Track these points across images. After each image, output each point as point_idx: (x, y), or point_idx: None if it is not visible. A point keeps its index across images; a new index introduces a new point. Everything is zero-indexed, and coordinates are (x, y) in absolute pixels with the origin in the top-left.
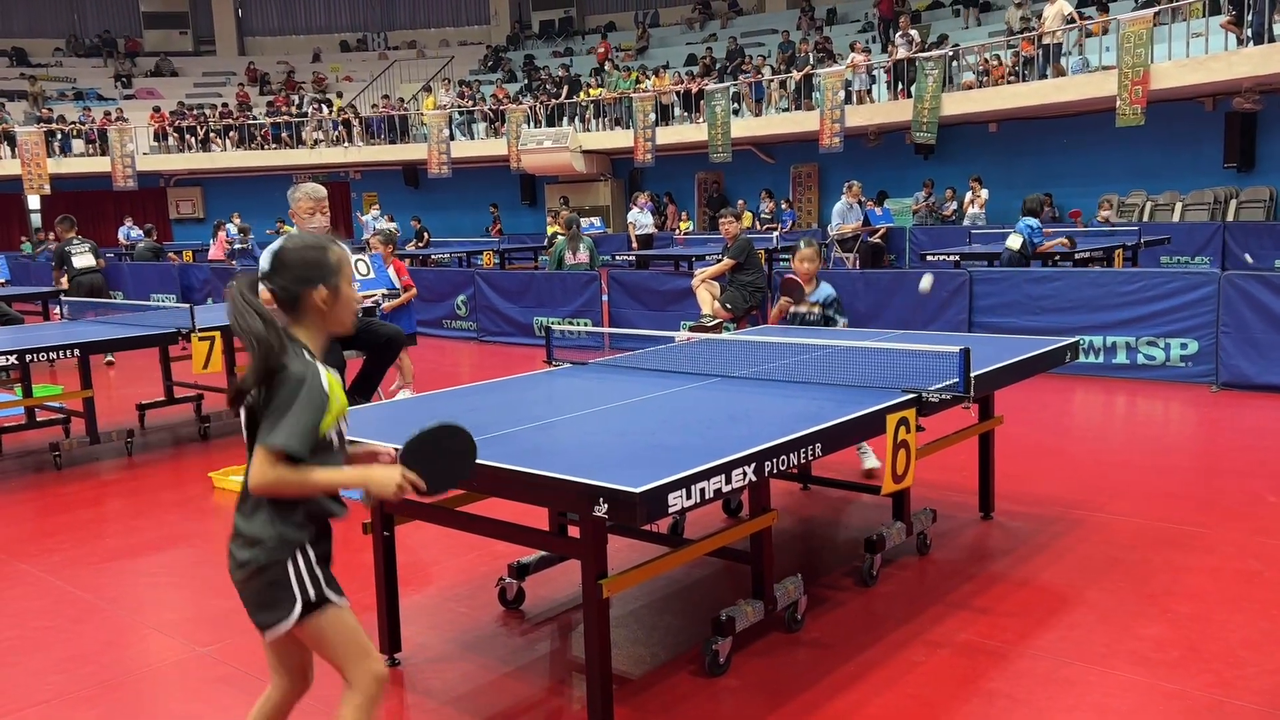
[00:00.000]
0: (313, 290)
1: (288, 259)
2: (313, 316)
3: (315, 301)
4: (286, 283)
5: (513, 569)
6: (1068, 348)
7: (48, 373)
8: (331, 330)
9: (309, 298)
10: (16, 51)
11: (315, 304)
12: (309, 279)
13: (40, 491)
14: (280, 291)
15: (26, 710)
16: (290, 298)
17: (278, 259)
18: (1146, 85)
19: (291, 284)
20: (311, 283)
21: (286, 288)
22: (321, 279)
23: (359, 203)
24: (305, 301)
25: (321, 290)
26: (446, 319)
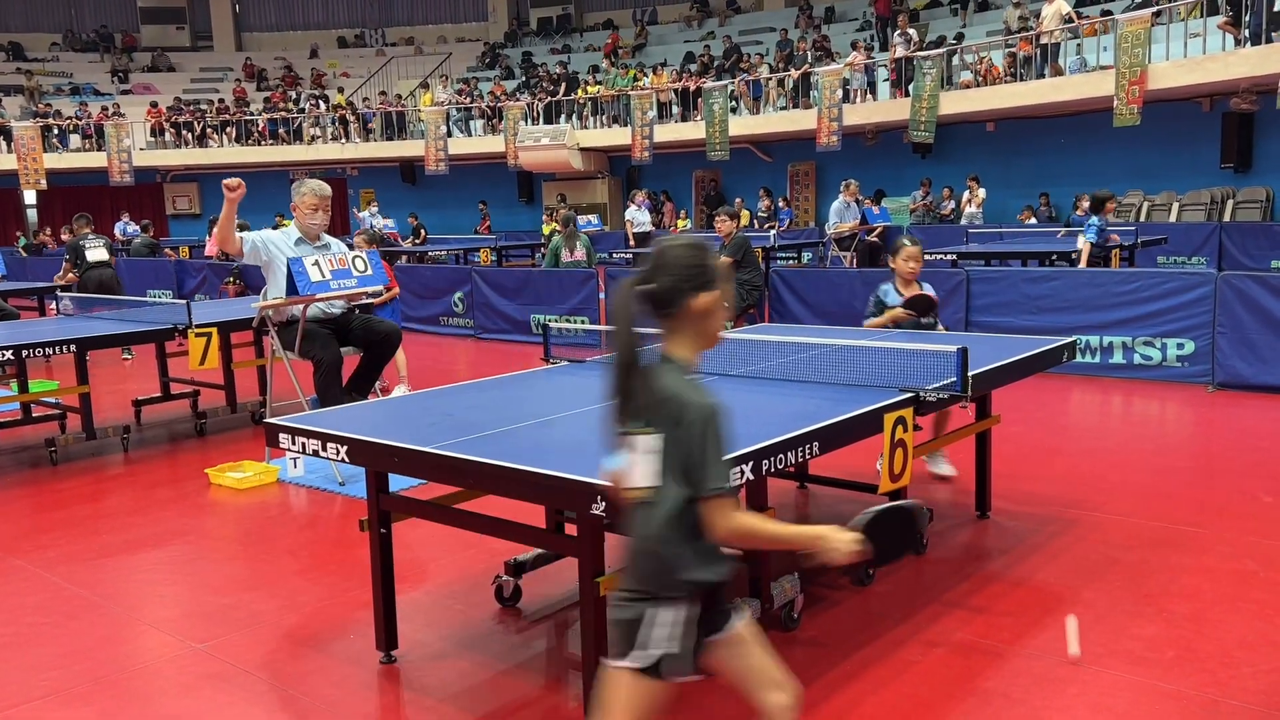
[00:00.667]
0: (695, 297)
1: (669, 259)
2: (691, 326)
3: (696, 309)
4: (668, 285)
5: (509, 566)
6: (1065, 347)
7: (44, 368)
8: (706, 345)
9: (691, 304)
10: (13, 46)
11: (696, 311)
12: (695, 282)
13: (36, 487)
14: (661, 294)
15: (22, 706)
16: (670, 303)
17: (659, 259)
18: (1144, 85)
19: (674, 287)
20: (696, 288)
21: (667, 290)
22: (706, 284)
23: (356, 199)
24: (686, 309)
25: (706, 296)
26: (443, 316)
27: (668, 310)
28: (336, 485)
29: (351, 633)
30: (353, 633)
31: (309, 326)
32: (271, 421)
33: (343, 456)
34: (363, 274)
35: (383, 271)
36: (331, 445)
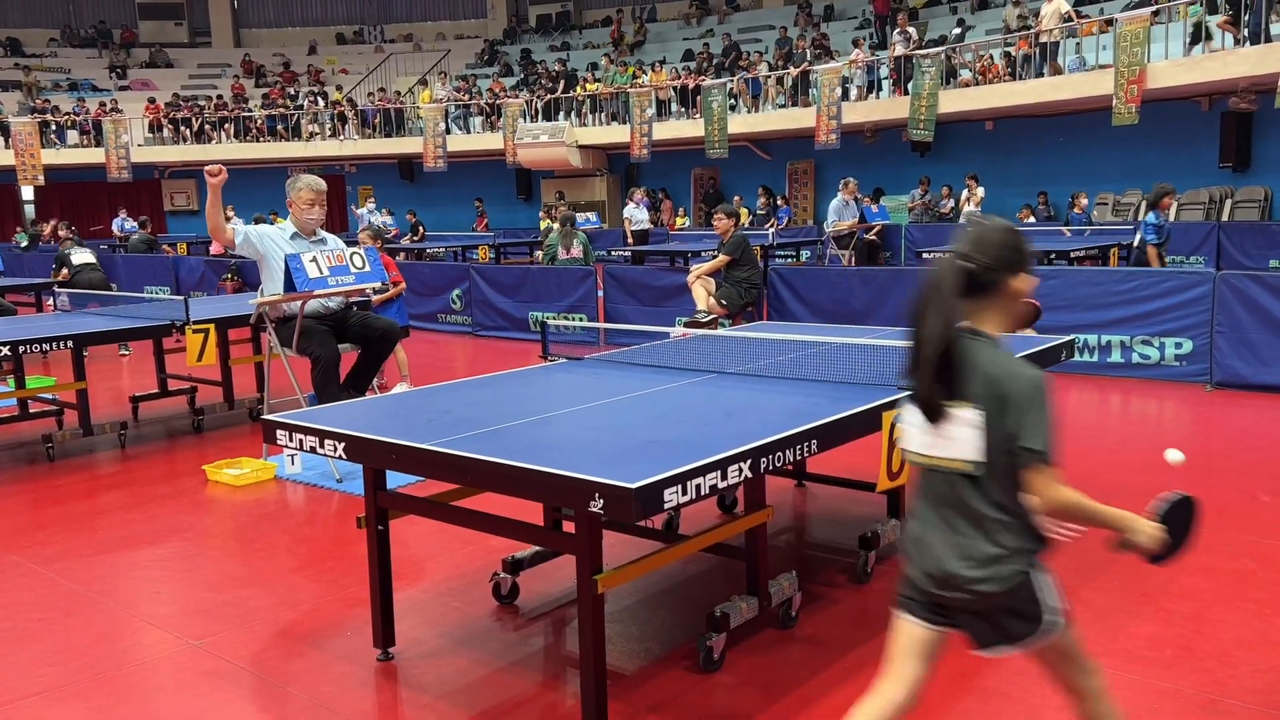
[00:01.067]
0: (1012, 278)
1: (988, 241)
2: (1003, 306)
3: (1012, 289)
4: (987, 265)
5: (507, 564)
6: (1063, 346)
7: (41, 364)
8: (1012, 325)
9: (1007, 285)
10: (11, 42)
11: (1011, 292)
12: (1012, 264)
13: (33, 484)
14: (980, 274)
15: (18, 702)
16: (988, 282)
17: (978, 240)
18: (1142, 84)
19: (992, 267)
20: (1013, 269)
21: (986, 270)
22: (1023, 266)
23: (354, 196)
24: (1002, 289)
25: (1021, 278)
26: (441, 313)
27: (984, 290)
28: (334, 482)
29: (348, 630)
30: (350, 630)
31: (307, 323)
32: (269, 418)
33: (340, 453)
34: (360, 270)
35: (381, 268)
36: (329, 442)
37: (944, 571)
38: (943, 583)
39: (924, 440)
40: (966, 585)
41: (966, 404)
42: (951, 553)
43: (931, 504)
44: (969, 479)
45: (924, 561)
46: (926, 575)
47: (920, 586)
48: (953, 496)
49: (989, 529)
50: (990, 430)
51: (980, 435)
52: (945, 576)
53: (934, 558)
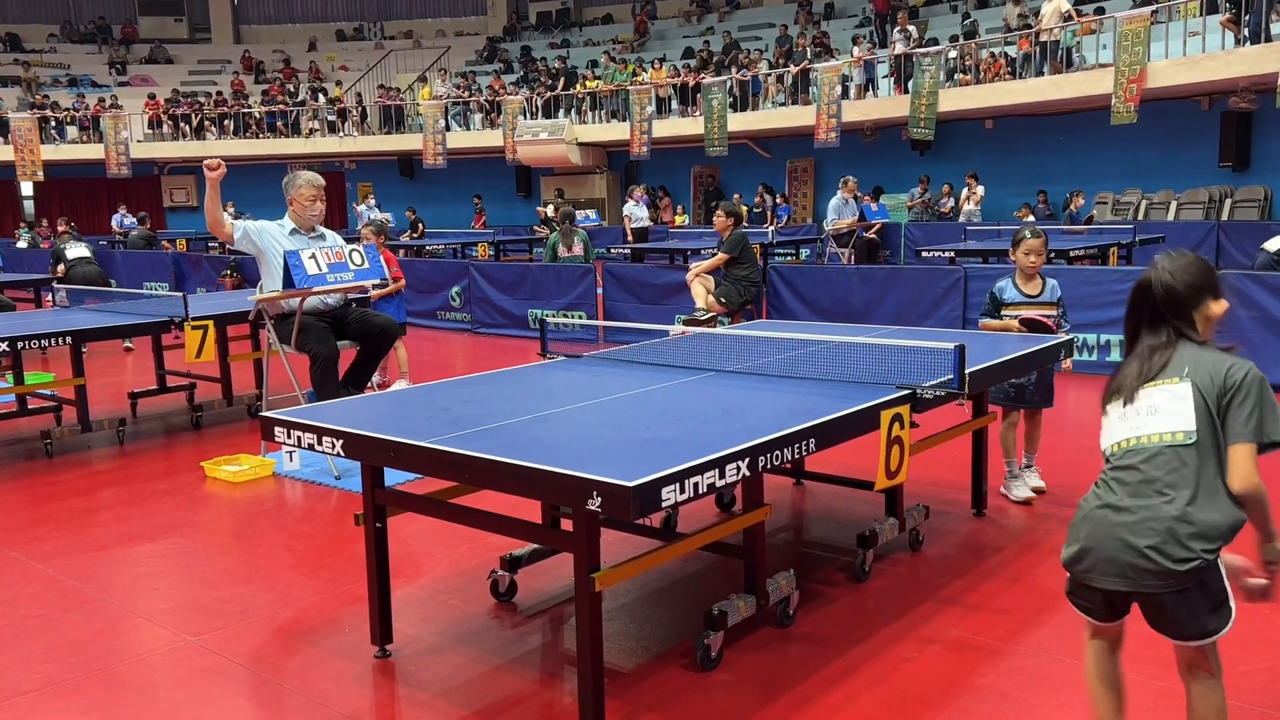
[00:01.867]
0: (1210, 302)
1: (1190, 271)
2: (1200, 323)
3: (1210, 313)
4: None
5: (505, 562)
6: (1062, 345)
7: (39, 360)
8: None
9: (1206, 307)
10: (10, 37)
11: (1209, 315)
12: (1207, 289)
13: (31, 480)
14: (1185, 291)
15: (16, 699)
16: (1188, 302)
17: (1183, 269)
18: (1142, 84)
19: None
20: (1208, 294)
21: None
22: (1215, 293)
23: (354, 193)
24: (1200, 310)
25: (1218, 304)
26: (440, 310)
27: (1185, 308)
28: (332, 479)
29: (346, 627)
30: (347, 627)
31: (306, 320)
32: (268, 415)
33: (339, 450)
34: (359, 267)
35: (380, 265)
36: (327, 439)
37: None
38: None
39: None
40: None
41: (1176, 380)
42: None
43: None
44: (1173, 452)
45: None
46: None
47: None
48: (1163, 473)
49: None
50: (1202, 406)
51: (1189, 406)
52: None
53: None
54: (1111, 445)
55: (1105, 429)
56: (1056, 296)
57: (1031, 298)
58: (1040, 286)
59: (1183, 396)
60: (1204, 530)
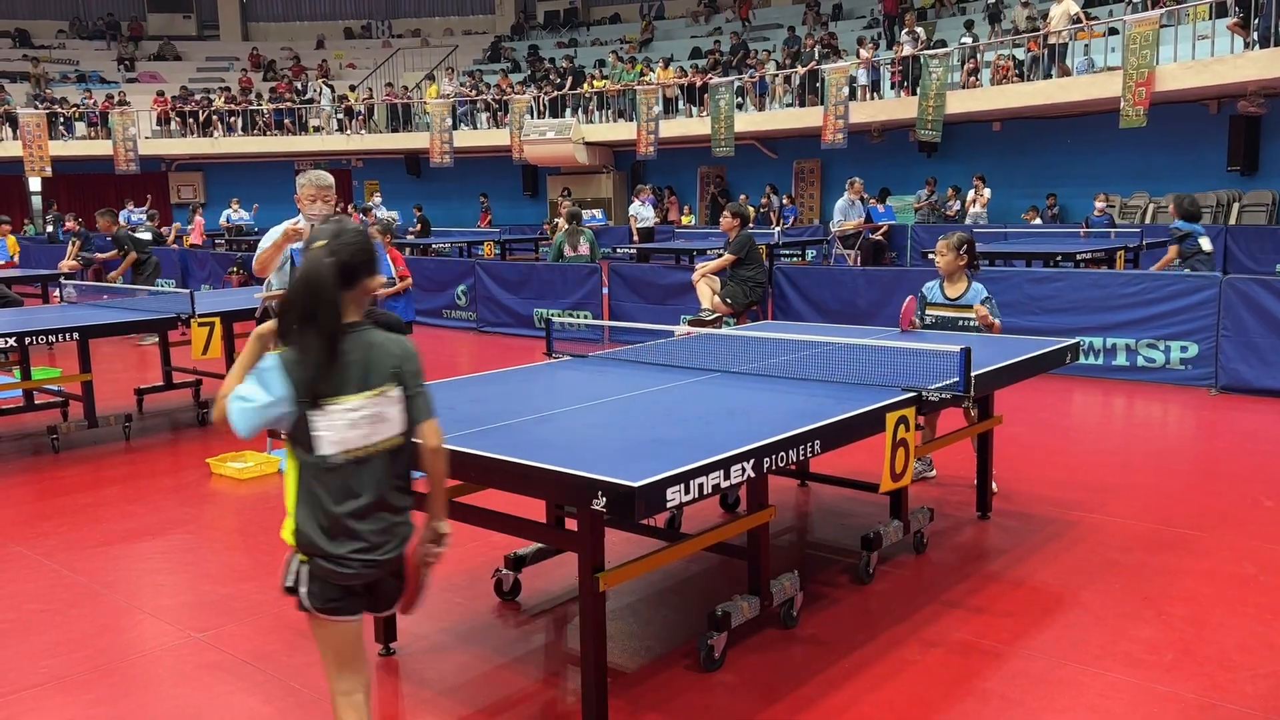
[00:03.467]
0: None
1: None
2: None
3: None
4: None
5: (509, 561)
6: (1068, 349)
7: (46, 356)
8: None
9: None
10: (20, 33)
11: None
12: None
13: (37, 475)
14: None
15: (21, 693)
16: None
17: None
18: (1151, 87)
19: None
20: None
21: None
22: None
23: (360, 191)
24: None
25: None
26: (446, 309)
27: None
28: None
29: None
30: None
31: None
32: None
33: None
34: None
35: (387, 263)
36: None
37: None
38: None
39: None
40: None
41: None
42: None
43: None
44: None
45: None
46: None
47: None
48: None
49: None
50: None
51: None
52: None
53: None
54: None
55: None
56: (980, 299)
57: (952, 300)
58: (963, 289)
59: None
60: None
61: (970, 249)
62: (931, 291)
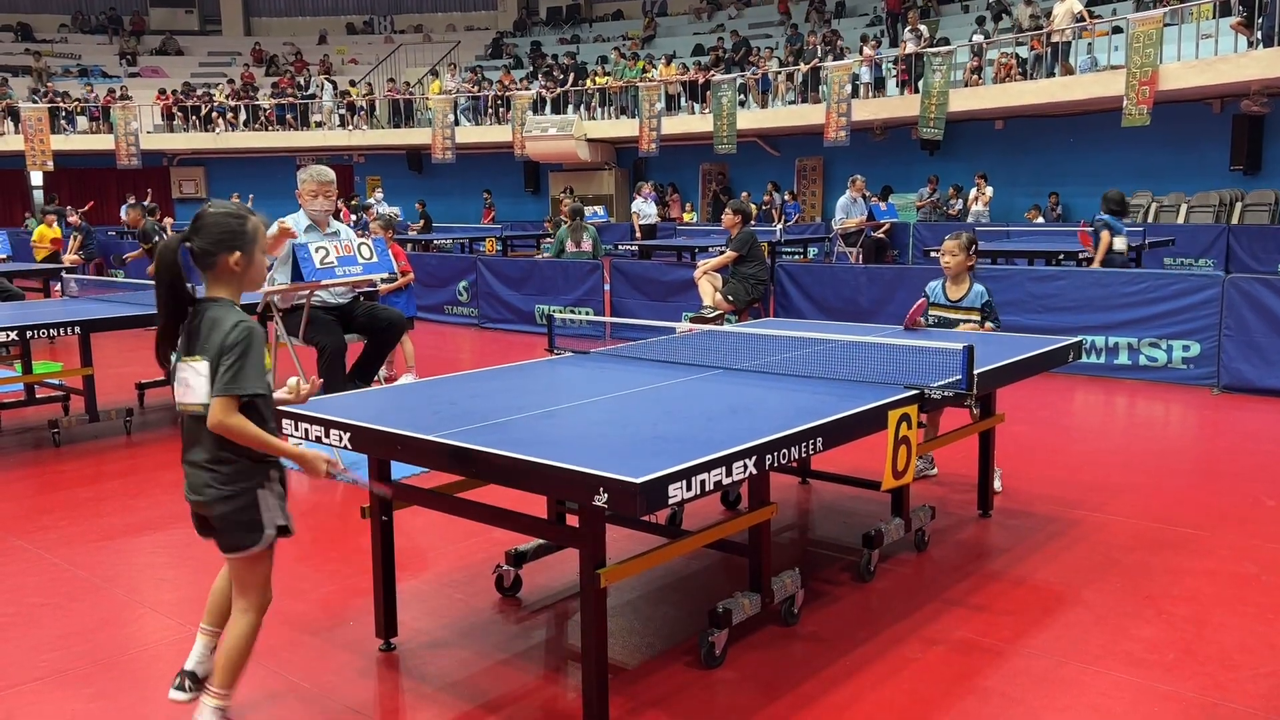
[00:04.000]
0: (228, 255)
1: (206, 223)
2: (228, 278)
3: (229, 264)
4: (206, 244)
5: (510, 556)
6: (1070, 347)
7: (48, 349)
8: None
9: (224, 261)
10: (22, 27)
11: (229, 267)
12: (227, 244)
13: (38, 468)
14: (199, 252)
15: (20, 686)
16: (208, 258)
17: (197, 222)
18: (1154, 86)
19: (210, 246)
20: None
21: (205, 249)
22: (238, 246)
23: (362, 186)
24: (221, 264)
25: (236, 255)
26: (448, 305)
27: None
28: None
29: (351, 620)
30: (352, 620)
31: (314, 313)
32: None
33: (345, 443)
34: (368, 261)
35: (389, 259)
36: (334, 432)
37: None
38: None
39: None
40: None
41: (199, 357)
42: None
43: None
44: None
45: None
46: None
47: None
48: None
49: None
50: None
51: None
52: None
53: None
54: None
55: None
56: (981, 302)
57: (954, 302)
58: (964, 291)
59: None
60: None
61: (976, 249)
62: (934, 292)
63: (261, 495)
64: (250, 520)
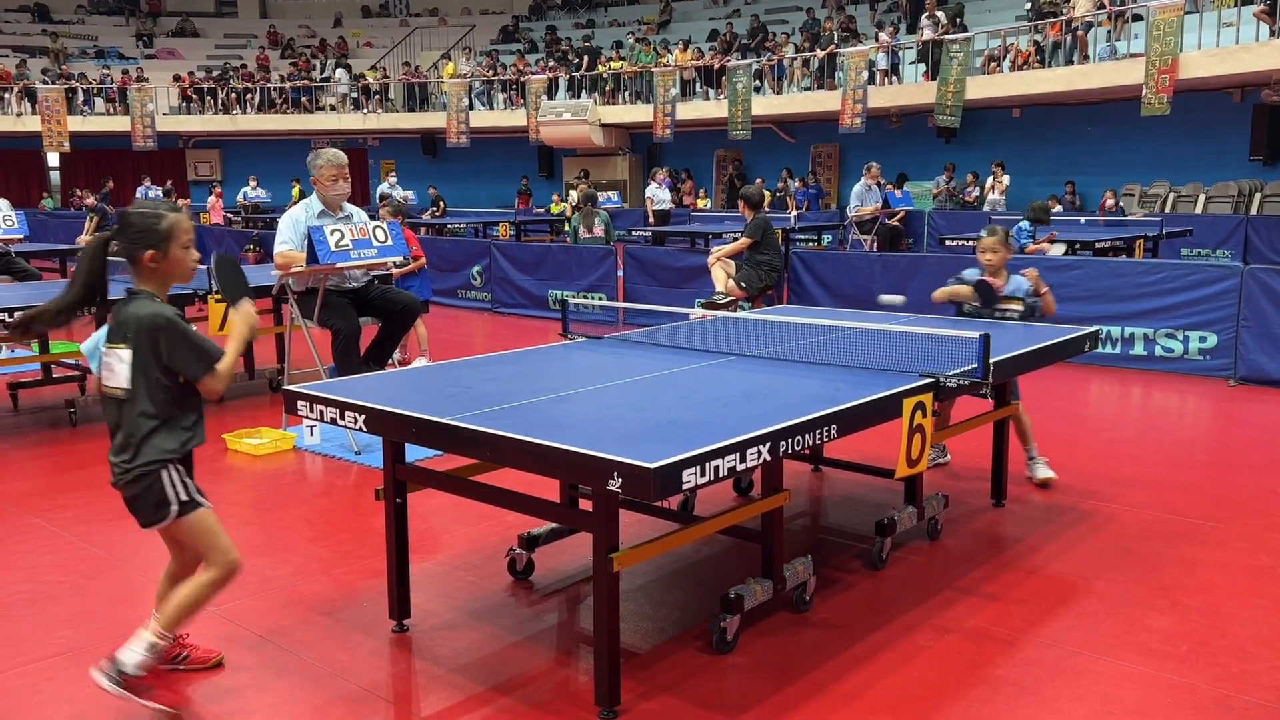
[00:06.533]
0: (144, 253)
1: (126, 222)
2: (148, 273)
3: (146, 261)
4: (125, 243)
5: (523, 540)
6: (1086, 337)
7: (64, 329)
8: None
9: (142, 258)
10: (39, 8)
11: (146, 263)
12: (144, 243)
13: (55, 447)
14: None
15: (38, 662)
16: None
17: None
18: (1174, 74)
19: (129, 245)
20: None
21: (126, 247)
22: (153, 244)
23: (376, 170)
24: (140, 260)
25: (151, 253)
26: (461, 289)
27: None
28: (352, 454)
29: (365, 601)
30: (366, 601)
31: (328, 295)
32: (290, 389)
33: (360, 425)
34: (383, 244)
35: (403, 242)
36: (349, 414)
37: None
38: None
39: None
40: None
41: (123, 345)
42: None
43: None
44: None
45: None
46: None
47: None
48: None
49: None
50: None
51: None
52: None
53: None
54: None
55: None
56: (1023, 290)
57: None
58: (1003, 281)
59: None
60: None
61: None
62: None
63: (164, 475)
64: (159, 499)
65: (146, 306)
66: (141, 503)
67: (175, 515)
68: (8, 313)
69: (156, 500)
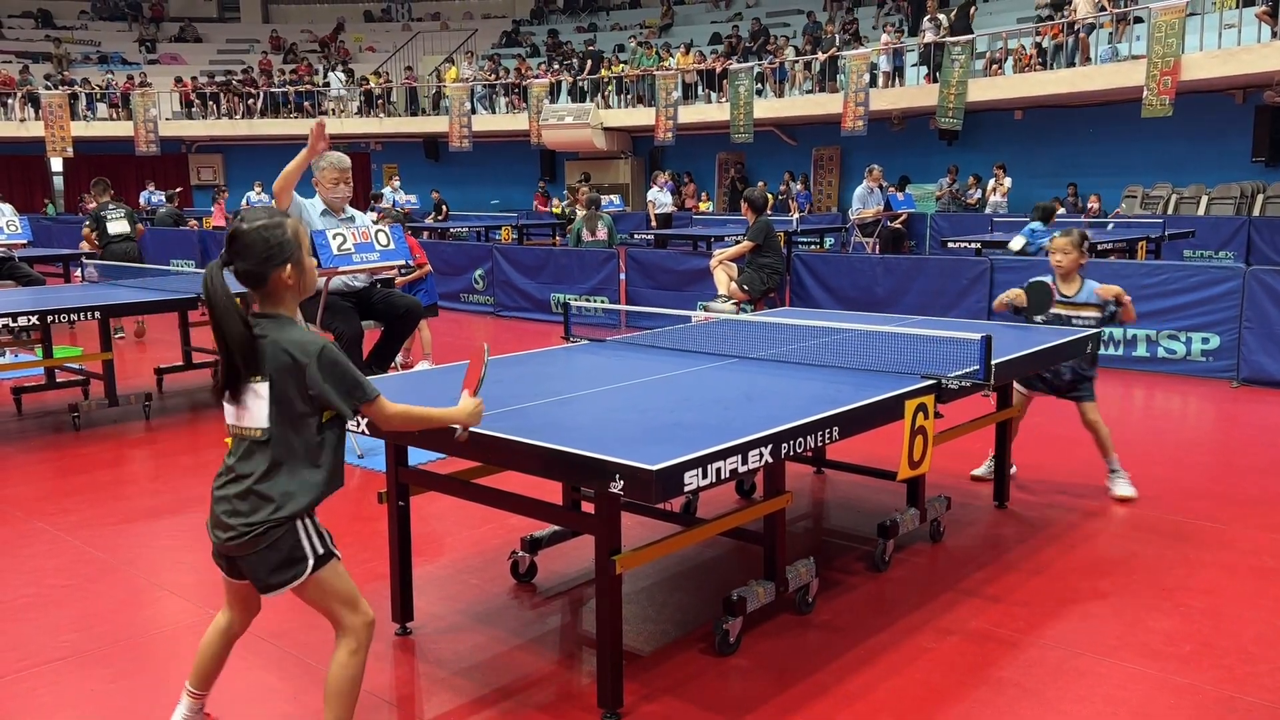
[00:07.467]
0: (280, 270)
1: (247, 242)
2: (282, 292)
3: (282, 279)
4: (251, 265)
5: (525, 543)
6: (1089, 339)
7: (68, 334)
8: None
9: (277, 276)
10: (42, 13)
11: (282, 281)
12: (276, 260)
13: (58, 452)
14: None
15: (40, 667)
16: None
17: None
18: (1176, 76)
19: (257, 266)
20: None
21: (252, 270)
22: (287, 258)
23: (379, 174)
24: (273, 280)
25: (288, 269)
26: (464, 293)
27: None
28: (355, 458)
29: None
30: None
31: (331, 299)
32: None
33: (363, 429)
34: (385, 248)
35: (405, 247)
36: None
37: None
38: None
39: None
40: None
41: (259, 378)
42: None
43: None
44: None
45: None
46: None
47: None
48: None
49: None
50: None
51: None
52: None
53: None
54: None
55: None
56: (1096, 300)
57: (1067, 298)
58: (1077, 287)
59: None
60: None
61: (1091, 246)
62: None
63: (299, 526)
64: (291, 555)
65: (292, 334)
66: (265, 562)
67: (311, 571)
68: (11, 318)
69: (287, 557)
